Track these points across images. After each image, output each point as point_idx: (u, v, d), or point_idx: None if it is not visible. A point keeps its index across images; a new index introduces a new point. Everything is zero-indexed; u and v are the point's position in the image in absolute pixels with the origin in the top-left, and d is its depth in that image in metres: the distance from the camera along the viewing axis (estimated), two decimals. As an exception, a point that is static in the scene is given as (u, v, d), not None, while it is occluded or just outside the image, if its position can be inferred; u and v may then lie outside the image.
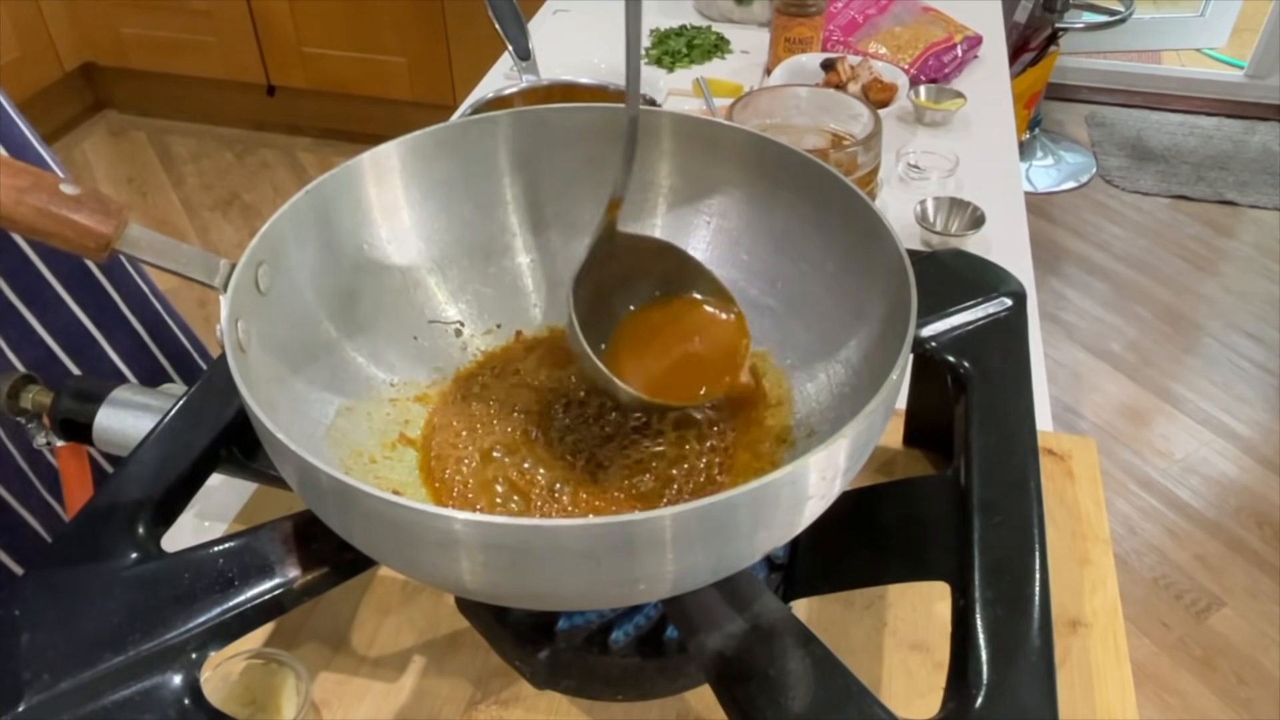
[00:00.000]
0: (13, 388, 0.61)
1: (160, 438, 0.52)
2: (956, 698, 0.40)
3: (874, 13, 1.30)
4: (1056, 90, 2.84)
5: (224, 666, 0.52)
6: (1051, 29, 2.36)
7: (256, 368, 0.45)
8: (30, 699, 0.38)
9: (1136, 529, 1.73)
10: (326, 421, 0.50)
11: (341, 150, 2.61)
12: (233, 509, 0.65)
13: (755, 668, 0.41)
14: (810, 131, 0.93)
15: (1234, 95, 2.89)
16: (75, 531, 0.47)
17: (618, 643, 0.50)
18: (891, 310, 0.47)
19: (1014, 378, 0.54)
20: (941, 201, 0.97)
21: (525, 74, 1.01)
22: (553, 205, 0.60)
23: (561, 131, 0.58)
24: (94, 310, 0.75)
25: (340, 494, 0.37)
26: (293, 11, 2.41)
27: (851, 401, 0.49)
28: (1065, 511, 0.64)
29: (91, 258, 0.45)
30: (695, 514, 0.35)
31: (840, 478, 0.41)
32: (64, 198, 0.44)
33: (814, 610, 0.59)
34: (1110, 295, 2.25)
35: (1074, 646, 0.56)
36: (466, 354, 0.58)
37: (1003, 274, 0.60)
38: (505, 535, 0.35)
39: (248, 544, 0.45)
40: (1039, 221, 2.44)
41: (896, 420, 0.69)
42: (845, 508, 0.45)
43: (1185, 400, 1.98)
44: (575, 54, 1.26)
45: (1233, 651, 1.54)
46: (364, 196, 0.55)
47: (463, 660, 0.56)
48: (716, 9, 1.43)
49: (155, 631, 0.41)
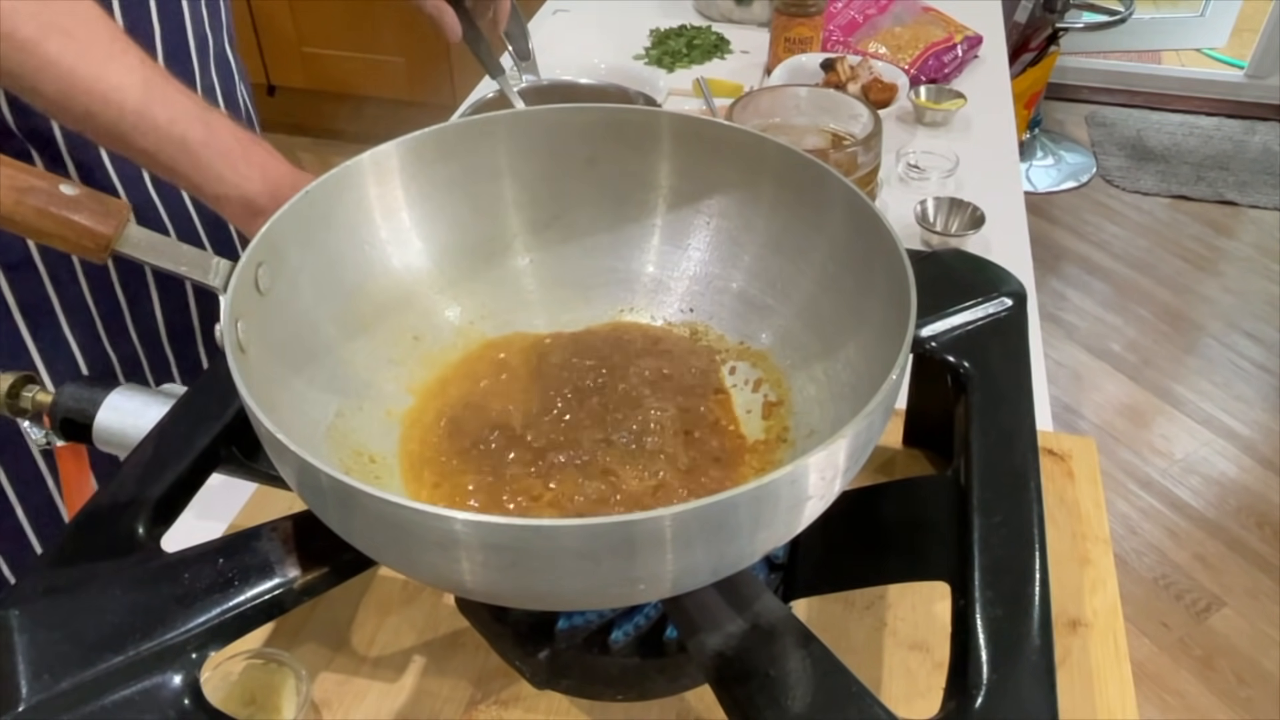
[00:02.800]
0: (13, 388, 0.61)
1: (160, 438, 0.52)
2: (956, 698, 0.40)
3: (874, 13, 1.30)
4: (1056, 90, 2.84)
5: (224, 666, 0.52)
6: (1051, 29, 2.36)
7: (256, 368, 0.45)
8: (30, 699, 0.38)
9: (1136, 529, 1.73)
10: (326, 422, 0.50)
11: (341, 150, 2.61)
12: (233, 509, 0.65)
13: (755, 668, 0.41)
14: (810, 131, 0.93)
15: (1234, 95, 2.89)
16: (75, 531, 0.47)
17: (618, 643, 0.50)
18: (891, 310, 0.47)
19: (1014, 378, 0.54)
20: (941, 201, 0.97)
21: (525, 74, 1.01)
22: (553, 205, 0.60)
23: (561, 131, 0.58)
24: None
25: (340, 494, 0.37)
26: (293, 11, 2.41)
27: (851, 401, 0.49)
28: (1065, 511, 0.64)
29: (91, 258, 0.45)
30: (695, 514, 0.35)
31: (840, 478, 0.41)
32: (63, 198, 0.44)
33: (814, 610, 0.59)
34: (1110, 295, 2.25)
35: (1074, 646, 0.56)
36: (466, 354, 0.58)
37: (1003, 274, 0.60)
38: (505, 535, 0.35)
39: (248, 544, 0.45)
40: (1039, 221, 2.44)
41: (896, 420, 0.68)
42: (845, 508, 0.45)
43: (1185, 400, 1.98)
44: (575, 54, 1.26)
45: (1233, 651, 1.54)
46: (364, 197, 0.55)
47: (463, 660, 0.56)
48: (716, 9, 1.43)
49: (155, 631, 0.41)
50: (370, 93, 2.51)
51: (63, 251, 0.46)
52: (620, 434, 0.53)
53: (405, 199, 0.56)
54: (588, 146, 0.58)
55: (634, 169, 0.59)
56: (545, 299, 0.61)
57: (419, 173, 0.56)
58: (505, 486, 0.50)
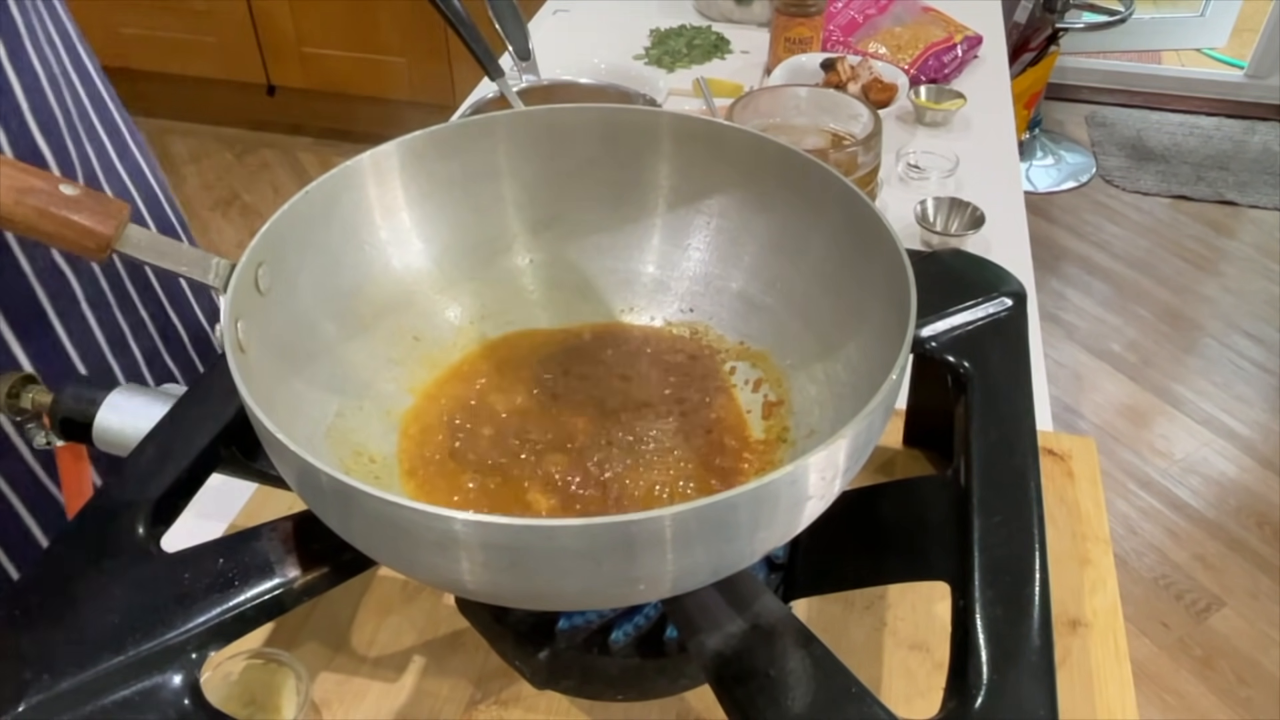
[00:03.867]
0: (13, 388, 0.61)
1: (160, 438, 0.52)
2: (956, 698, 0.40)
3: (874, 13, 1.30)
4: (1056, 90, 2.84)
5: (224, 666, 0.52)
6: (1051, 29, 2.36)
7: (256, 367, 0.45)
8: (30, 699, 0.38)
9: (1136, 529, 1.73)
10: (326, 422, 0.50)
11: (341, 150, 2.61)
12: (233, 509, 0.65)
13: (755, 668, 0.41)
14: (810, 131, 0.93)
15: (1234, 95, 2.89)
16: (75, 531, 0.47)
17: (618, 643, 0.50)
18: (891, 310, 0.47)
19: (1014, 378, 0.54)
20: (941, 201, 0.97)
21: (525, 74, 1.01)
22: (553, 205, 0.60)
23: (561, 131, 0.58)
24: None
25: (340, 494, 0.37)
26: (293, 11, 2.41)
27: (851, 401, 0.49)
28: (1065, 511, 0.64)
29: (91, 258, 0.45)
30: (695, 514, 0.35)
31: (840, 478, 0.41)
32: (63, 198, 0.44)
33: (814, 610, 0.59)
34: (1110, 295, 2.25)
35: (1074, 646, 0.56)
36: (466, 354, 0.58)
37: (1003, 274, 0.60)
38: (505, 535, 0.35)
39: (248, 544, 0.45)
40: (1039, 221, 2.44)
41: (896, 420, 0.69)
42: (845, 508, 0.45)
43: (1185, 400, 1.98)
44: (575, 54, 1.26)
45: (1233, 651, 1.54)
46: (364, 197, 0.55)
47: (463, 660, 0.56)
48: (716, 9, 1.43)
49: (155, 631, 0.41)
50: (370, 93, 2.51)
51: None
52: (621, 434, 0.53)
53: (405, 199, 0.56)
54: (587, 146, 0.58)
55: (633, 169, 0.59)
56: (545, 299, 0.61)
57: (419, 173, 0.56)
58: (505, 487, 0.50)
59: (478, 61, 0.93)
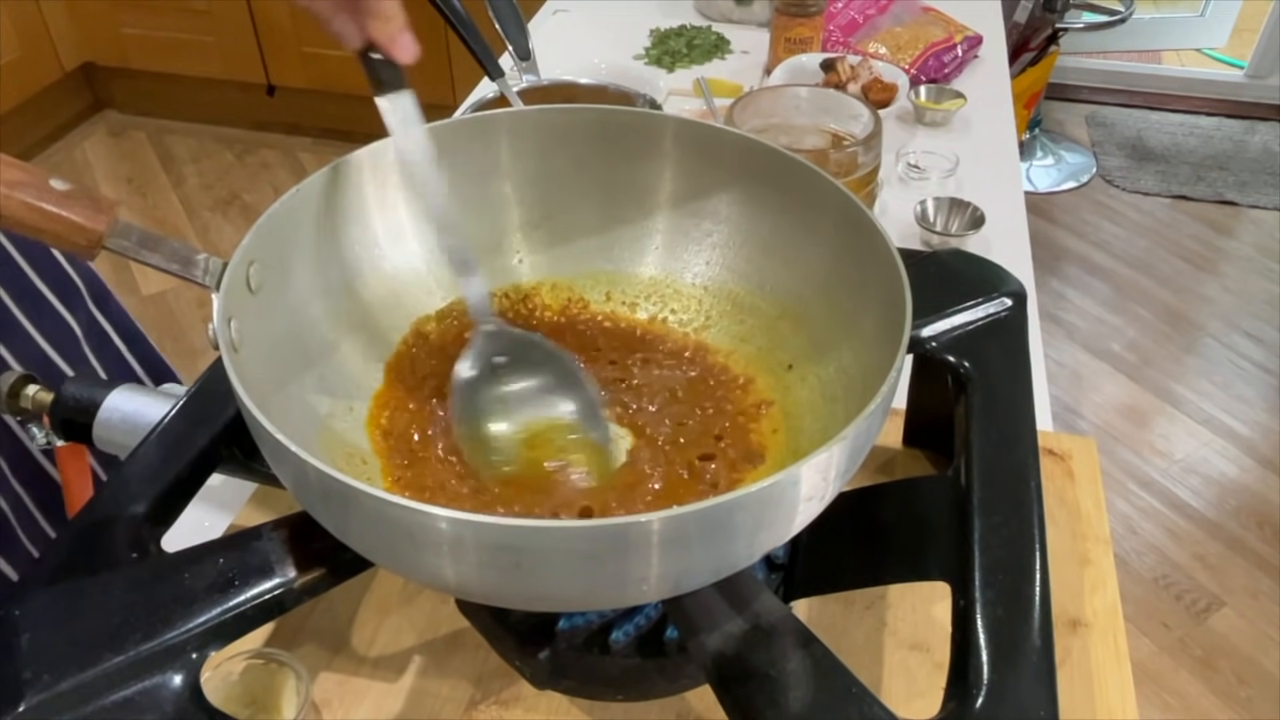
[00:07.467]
0: (13, 388, 0.61)
1: (160, 438, 0.52)
2: (956, 698, 0.40)
3: (874, 13, 1.30)
4: (1056, 90, 2.84)
5: (224, 666, 0.52)
6: (1051, 29, 2.35)
7: (251, 367, 0.45)
8: (30, 699, 0.38)
9: (1136, 529, 1.73)
10: (319, 422, 0.50)
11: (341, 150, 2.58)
12: (233, 509, 0.65)
13: (755, 668, 0.41)
14: (810, 132, 0.93)
15: (1234, 95, 2.89)
16: (75, 531, 0.47)
17: (618, 643, 0.50)
18: (887, 312, 0.47)
19: (1014, 378, 0.54)
20: (941, 201, 0.97)
21: (525, 74, 1.01)
22: (549, 205, 0.60)
23: (560, 131, 0.58)
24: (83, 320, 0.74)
25: (337, 494, 0.37)
26: (293, 11, 2.41)
27: (847, 403, 0.49)
28: (1065, 511, 0.64)
29: (82, 255, 0.45)
30: (694, 516, 0.35)
31: (838, 479, 0.41)
32: (54, 194, 0.43)
33: (814, 610, 0.59)
34: (1110, 295, 2.25)
35: (1074, 646, 0.56)
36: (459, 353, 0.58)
37: (1003, 274, 0.60)
38: (505, 536, 0.35)
39: (248, 544, 0.45)
40: (1039, 221, 2.44)
41: (896, 420, 0.68)
42: (845, 508, 0.45)
43: (1185, 400, 1.98)
44: (575, 54, 1.26)
45: (1233, 651, 1.54)
46: (359, 195, 0.55)
47: (463, 660, 0.56)
48: (716, 9, 1.43)
49: (155, 631, 0.41)
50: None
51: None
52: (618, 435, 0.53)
53: (401, 197, 0.56)
54: (585, 147, 0.58)
55: (630, 170, 0.59)
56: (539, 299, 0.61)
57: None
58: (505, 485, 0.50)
59: (478, 61, 0.93)
